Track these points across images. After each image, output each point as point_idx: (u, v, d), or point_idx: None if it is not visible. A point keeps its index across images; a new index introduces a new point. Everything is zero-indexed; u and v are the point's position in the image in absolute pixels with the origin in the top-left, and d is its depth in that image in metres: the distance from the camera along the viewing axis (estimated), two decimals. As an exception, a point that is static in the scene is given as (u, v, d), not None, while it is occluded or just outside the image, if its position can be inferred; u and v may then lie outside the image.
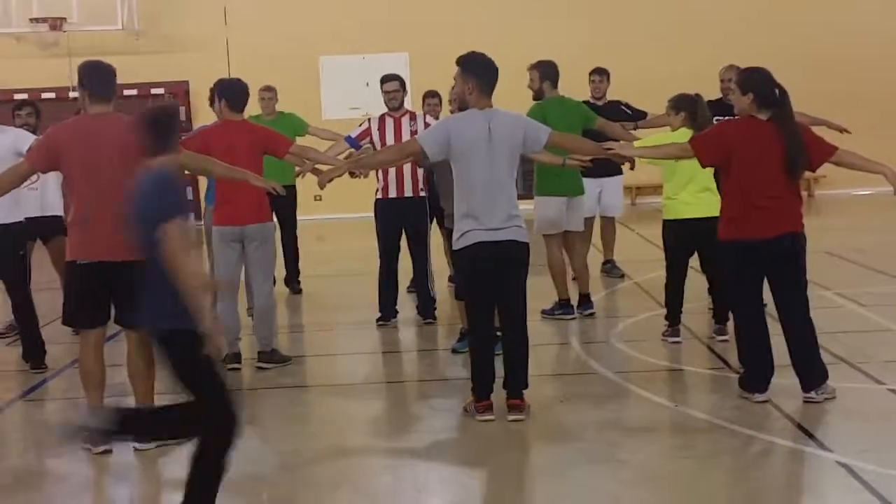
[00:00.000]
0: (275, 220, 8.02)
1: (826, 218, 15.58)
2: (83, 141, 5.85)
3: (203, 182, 12.06)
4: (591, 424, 6.25)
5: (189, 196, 17.07)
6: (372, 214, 9.00)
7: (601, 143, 6.86)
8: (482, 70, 6.23)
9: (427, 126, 8.64)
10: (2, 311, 9.27)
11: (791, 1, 18.09)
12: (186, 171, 6.38)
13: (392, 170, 8.58)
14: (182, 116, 18.03)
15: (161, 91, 17.80)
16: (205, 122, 9.94)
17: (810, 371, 6.22)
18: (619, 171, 10.27)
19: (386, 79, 8.99)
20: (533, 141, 6.26)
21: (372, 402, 6.96)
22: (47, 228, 8.58)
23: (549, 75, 8.80)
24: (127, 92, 15.12)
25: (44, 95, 17.42)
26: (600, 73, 10.43)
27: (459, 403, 6.46)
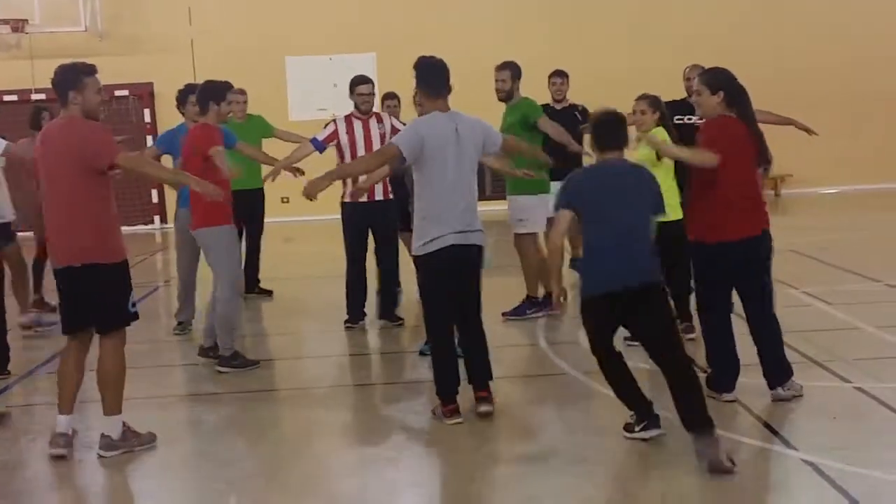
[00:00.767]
0: (228, 225, 7.68)
1: (792, 217, 15.70)
2: (41, 146, 5.87)
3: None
4: (561, 426, 6.26)
5: (154, 199, 16.97)
6: (339, 217, 8.93)
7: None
8: (425, 73, 6.26)
9: (394, 128, 8.61)
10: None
11: (760, 1, 18.23)
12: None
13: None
14: (147, 118, 17.93)
15: (125, 93, 17.66)
16: (170, 125, 9.82)
17: (778, 368, 6.25)
18: None
19: (359, 80, 8.77)
20: (491, 144, 6.38)
21: (340, 405, 6.92)
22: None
23: (519, 75, 8.84)
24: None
25: (5, 98, 17.27)
26: (561, 76, 10.47)
27: (428, 406, 6.44)
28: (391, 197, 8.80)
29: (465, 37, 16.74)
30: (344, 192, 8.76)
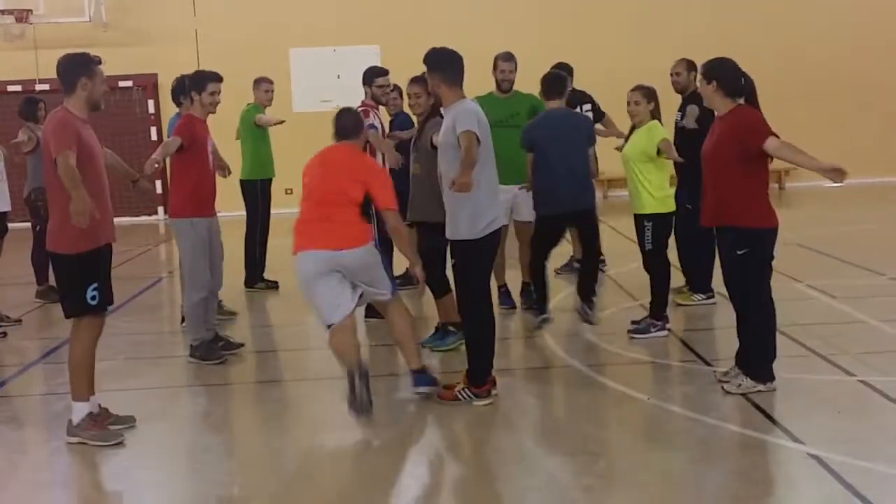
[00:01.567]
0: (199, 217, 7.60)
1: (797, 210, 15.67)
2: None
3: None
4: (563, 417, 6.25)
5: (157, 189, 16.97)
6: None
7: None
8: (445, 63, 6.26)
9: (378, 119, 8.54)
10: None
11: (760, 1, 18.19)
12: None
13: None
14: (150, 109, 17.92)
15: (129, 84, 17.65)
16: (172, 114, 9.80)
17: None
18: None
19: (378, 72, 8.78)
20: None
21: (345, 396, 6.90)
22: None
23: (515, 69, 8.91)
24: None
25: (9, 88, 17.26)
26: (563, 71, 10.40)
27: (430, 396, 6.43)
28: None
29: (468, 30, 16.69)
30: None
